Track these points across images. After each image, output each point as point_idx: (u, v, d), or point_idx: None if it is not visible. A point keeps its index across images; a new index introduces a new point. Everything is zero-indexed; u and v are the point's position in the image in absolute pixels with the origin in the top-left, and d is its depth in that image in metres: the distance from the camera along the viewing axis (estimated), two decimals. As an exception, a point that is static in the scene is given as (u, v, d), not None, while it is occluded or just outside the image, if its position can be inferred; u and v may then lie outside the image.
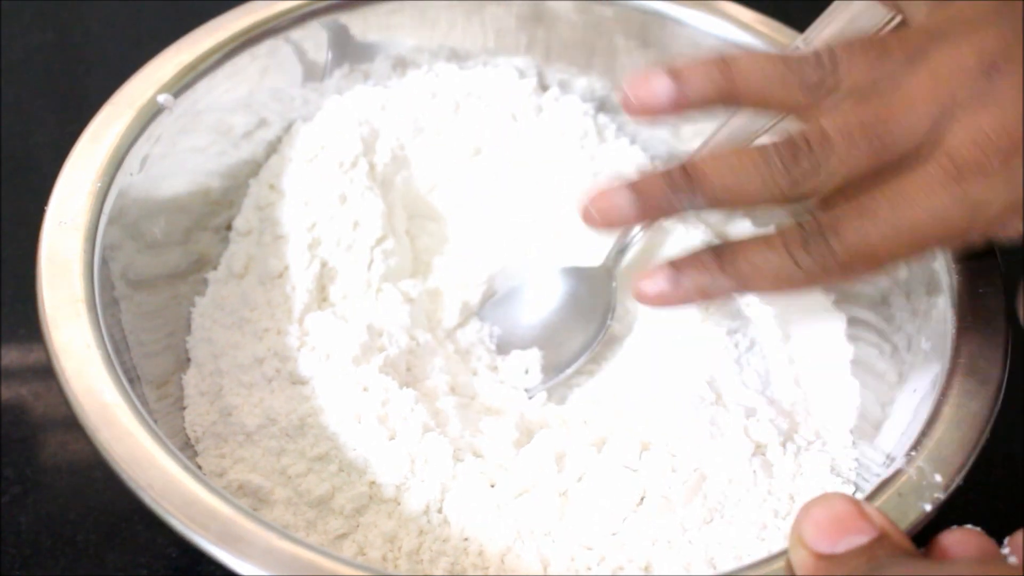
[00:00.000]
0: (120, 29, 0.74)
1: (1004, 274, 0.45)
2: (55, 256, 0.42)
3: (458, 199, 0.58)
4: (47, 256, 0.42)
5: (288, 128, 0.56)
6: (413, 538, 0.42)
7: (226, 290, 0.52)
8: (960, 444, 0.39)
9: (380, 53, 0.57)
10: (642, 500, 0.43)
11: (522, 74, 0.60)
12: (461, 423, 0.47)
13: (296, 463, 0.45)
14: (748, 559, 0.41)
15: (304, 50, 0.55)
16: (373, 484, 0.44)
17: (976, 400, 0.40)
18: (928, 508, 0.37)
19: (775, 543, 0.42)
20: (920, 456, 0.38)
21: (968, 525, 0.32)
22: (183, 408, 0.48)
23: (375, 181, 0.55)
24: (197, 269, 0.53)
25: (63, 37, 0.73)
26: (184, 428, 0.47)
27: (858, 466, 0.47)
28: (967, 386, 0.40)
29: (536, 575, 0.41)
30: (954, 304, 0.44)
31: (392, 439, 0.45)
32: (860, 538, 0.30)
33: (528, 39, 0.59)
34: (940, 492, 0.37)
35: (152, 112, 0.48)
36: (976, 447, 0.39)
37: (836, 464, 0.46)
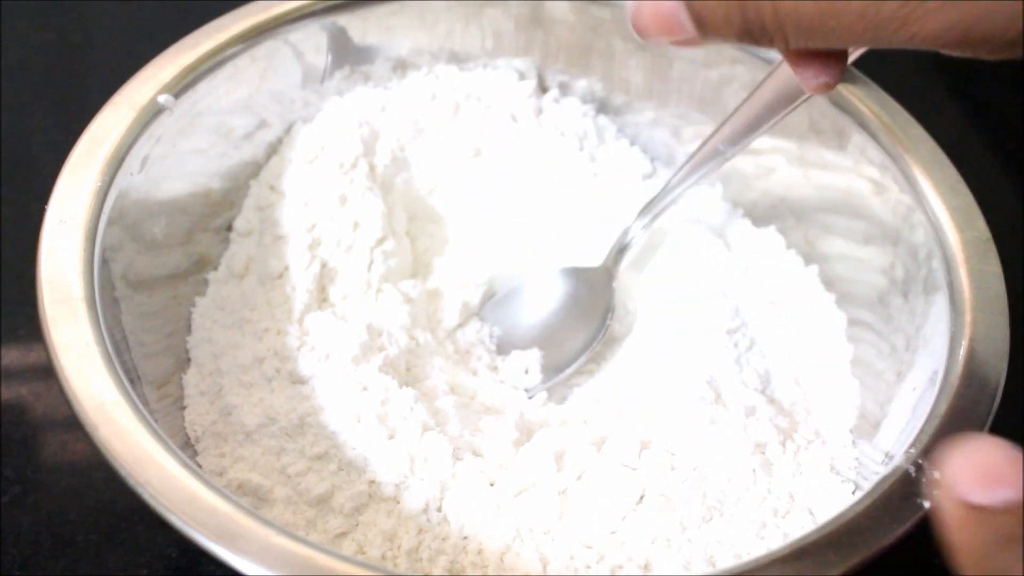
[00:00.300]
0: (120, 29, 0.74)
1: (1004, 274, 0.45)
2: (55, 256, 0.42)
3: (458, 200, 0.58)
4: (47, 256, 0.42)
5: (288, 129, 0.56)
6: (412, 537, 0.42)
7: (226, 290, 0.52)
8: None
9: (380, 55, 0.58)
10: (641, 499, 0.43)
11: (522, 76, 0.60)
12: (461, 422, 0.47)
13: (296, 462, 0.45)
14: (747, 558, 0.41)
15: (304, 51, 0.55)
16: (372, 483, 0.44)
17: (975, 398, 0.40)
18: (927, 506, 0.37)
19: (775, 542, 0.42)
20: (919, 454, 0.38)
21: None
22: (183, 408, 0.48)
23: (375, 182, 0.55)
24: (197, 269, 0.53)
25: (63, 37, 0.73)
26: (184, 428, 0.47)
27: (858, 464, 0.47)
28: (966, 384, 0.40)
29: (535, 574, 0.41)
30: (953, 303, 0.44)
31: (392, 438, 0.45)
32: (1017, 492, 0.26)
33: (528, 41, 0.59)
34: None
35: (152, 112, 0.48)
36: (975, 445, 0.38)
37: (836, 463, 0.46)
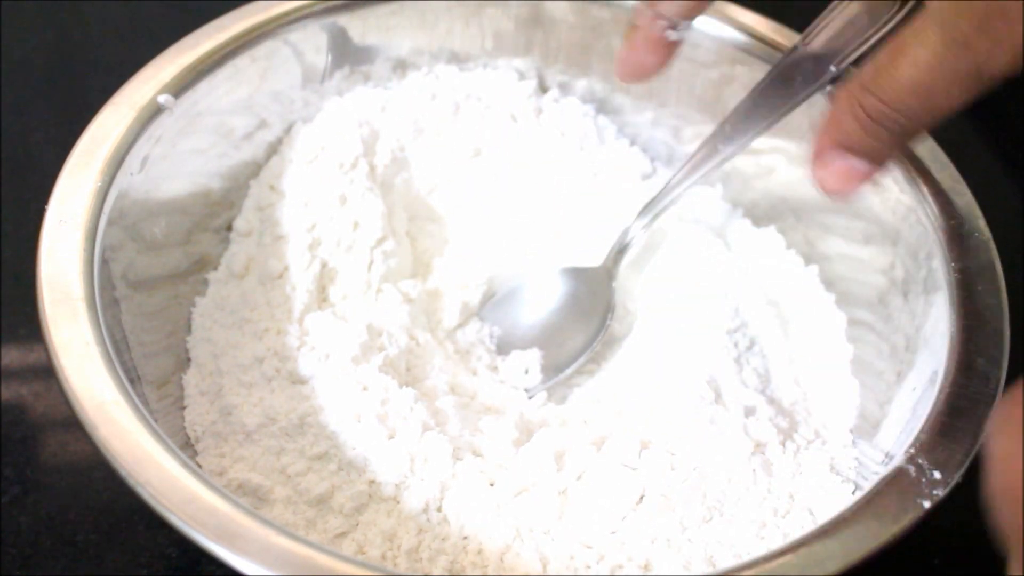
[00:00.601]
0: (120, 29, 0.74)
1: (1004, 274, 0.45)
2: (55, 256, 0.42)
3: (458, 200, 0.58)
4: (47, 256, 0.42)
5: (288, 129, 0.56)
6: (412, 536, 0.42)
7: (226, 290, 0.52)
8: (959, 442, 0.38)
9: (380, 55, 0.58)
10: (641, 499, 0.43)
11: (522, 76, 0.60)
12: (460, 422, 0.47)
13: (296, 462, 0.45)
14: (747, 557, 0.41)
15: (304, 52, 0.55)
16: (372, 483, 0.44)
17: (975, 398, 0.40)
18: (927, 506, 0.37)
19: (774, 541, 0.42)
20: (919, 454, 0.38)
21: None
22: (183, 408, 0.48)
23: (375, 182, 0.55)
24: (197, 269, 0.53)
25: (63, 37, 0.73)
26: (184, 428, 0.47)
27: (858, 464, 0.47)
28: (966, 384, 0.40)
29: (535, 574, 0.41)
30: (953, 303, 0.44)
31: (391, 438, 0.45)
32: None
33: (528, 41, 0.59)
34: (940, 489, 0.37)
35: (152, 112, 0.48)
36: (975, 445, 0.38)
37: (836, 463, 0.46)
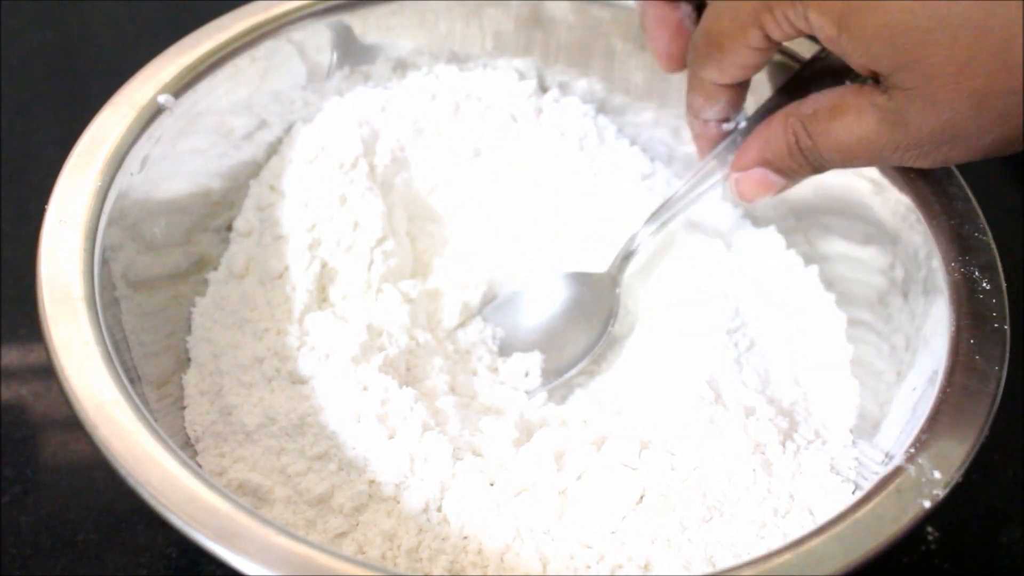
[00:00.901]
0: (120, 29, 0.74)
1: (1004, 274, 0.45)
2: (55, 256, 0.42)
3: (458, 200, 0.58)
4: (47, 256, 0.42)
5: (288, 129, 0.56)
6: (412, 536, 0.42)
7: (226, 290, 0.52)
8: (959, 441, 0.38)
9: (380, 55, 0.58)
10: (641, 499, 0.43)
11: (522, 76, 0.60)
12: (460, 422, 0.47)
13: (296, 462, 0.45)
14: (747, 557, 0.41)
15: (304, 52, 0.55)
16: (372, 483, 0.44)
17: (975, 398, 0.40)
18: (927, 505, 0.37)
19: (774, 541, 0.42)
20: (919, 454, 0.38)
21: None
22: (183, 408, 0.48)
23: (375, 182, 0.55)
24: (198, 270, 0.53)
25: (63, 37, 0.73)
26: (184, 428, 0.47)
27: (858, 464, 0.46)
28: (966, 384, 0.40)
29: (535, 574, 0.41)
30: (952, 303, 0.44)
31: (392, 438, 0.45)
32: None
33: (528, 41, 0.59)
34: (939, 489, 0.37)
35: (152, 112, 0.48)
36: (975, 445, 0.38)
37: (835, 463, 0.46)
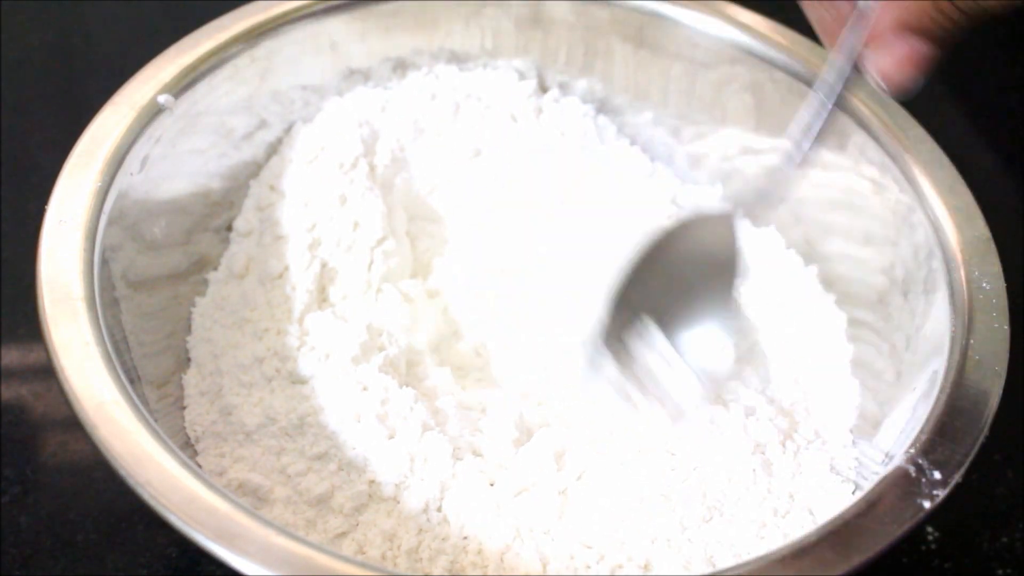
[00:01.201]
0: (120, 29, 0.74)
1: (1004, 274, 0.45)
2: (55, 256, 0.42)
3: (458, 200, 0.58)
4: (47, 256, 0.42)
5: (288, 129, 0.56)
6: (412, 537, 0.42)
7: (226, 290, 0.52)
8: (959, 442, 0.38)
9: (380, 55, 0.58)
10: (642, 499, 0.43)
11: (522, 76, 0.60)
12: (460, 422, 0.47)
13: (296, 462, 0.45)
14: (747, 557, 0.41)
15: (304, 52, 0.55)
16: (372, 483, 0.44)
17: (975, 398, 0.40)
18: (927, 505, 0.37)
19: (775, 542, 0.42)
20: (919, 454, 0.38)
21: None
22: (183, 408, 0.48)
23: (375, 182, 0.55)
24: (198, 270, 0.53)
25: (63, 37, 0.73)
26: (184, 428, 0.47)
27: (858, 464, 0.47)
28: (966, 384, 0.40)
29: (535, 574, 0.41)
30: (953, 303, 0.44)
31: (391, 438, 0.45)
32: None
33: (528, 41, 0.59)
34: (939, 489, 0.37)
35: (152, 113, 0.48)
36: (975, 445, 0.39)
37: (836, 463, 0.46)
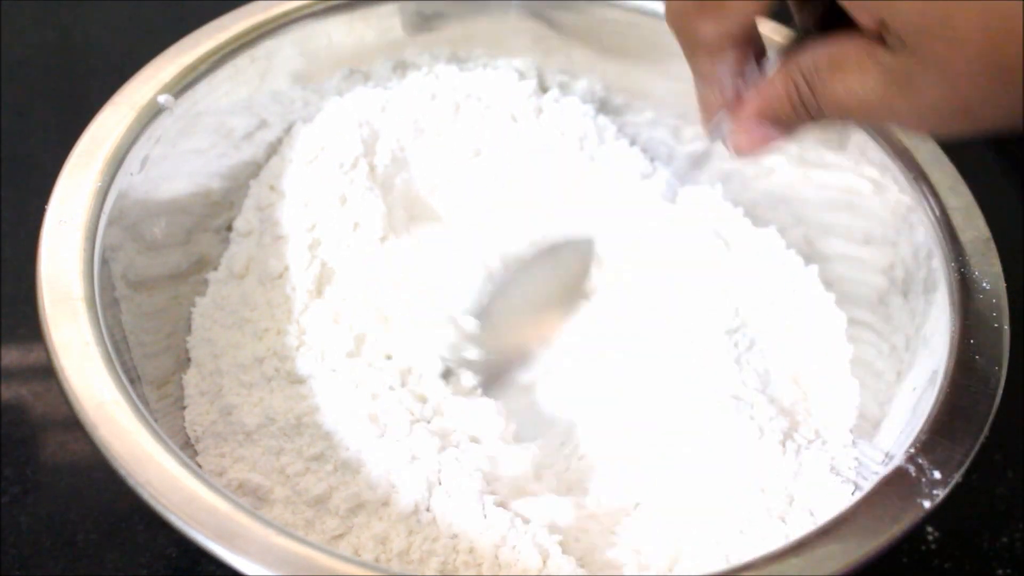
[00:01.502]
0: (120, 29, 0.74)
1: (1004, 274, 0.45)
2: (55, 256, 0.42)
3: (458, 200, 0.58)
4: (47, 256, 0.42)
5: (288, 129, 0.56)
6: (403, 539, 0.42)
7: (226, 290, 0.52)
8: (959, 442, 0.38)
9: (380, 55, 0.58)
10: (640, 499, 0.43)
11: (522, 76, 0.60)
12: (454, 421, 0.47)
13: (294, 462, 0.45)
14: (747, 558, 0.41)
15: (304, 52, 0.55)
16: (365, 484, 0.44)
17: (975, 398, 0.40)
18: (927, 505, 0.37)
19: (774, 541, 0.42)
20: (919, 454, 0.38)
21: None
22: (183, 408, 0.48)
23: (375, 182, 0.55)
24: (198, 270, 0.53)
25: (63, 37, 0.73)
26: (184, 428, 0.47)
27: (858, 464, 0.47)
28: (966, 384, 0.40)
29: (534, 574, 0.41)
30: (953, 303, 0.44)
31: (382, 437, 0.45)
32: None
33: (528, 41, 0.59)
34: (939, 489, 0.37)
35: (152, 113, 0.48)
36: (975, 445, 0.38)
37: (836, 463, 0.46)
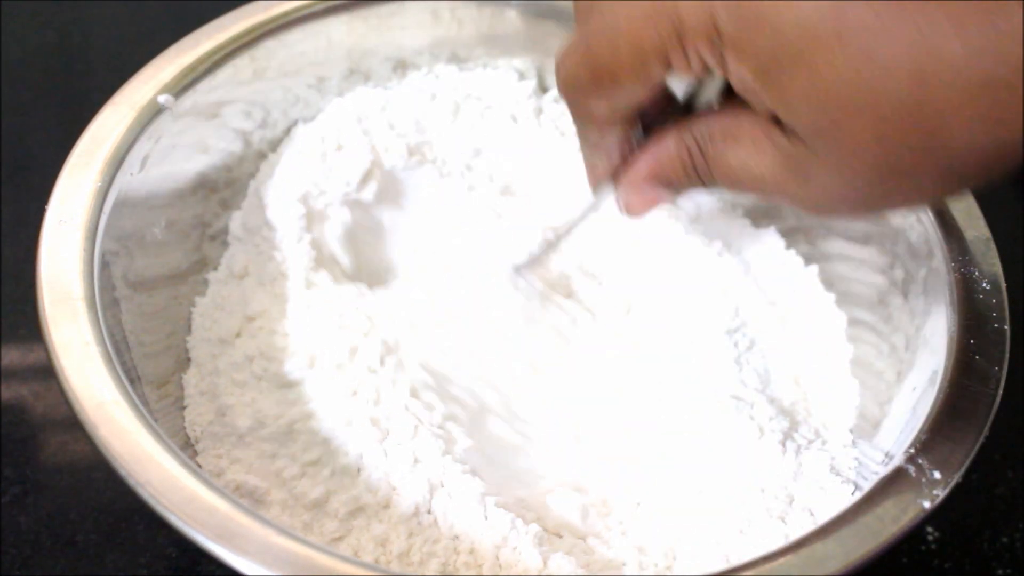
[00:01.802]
0: (120, 29, 0.74)
1: (1004, 274, 0.45)
2: (55, 256, 0.42)
3: (458, 200, 0.58)
4: (47, 256, 0.42)
5: (288, 129, 0.56)
6: (403, 541, 0.42)
7: (226, 290, 0.52)
8: (959, 442, 0.38)
9: (380, 55, 0.58)
10: (640, 499, 0.43)
11: (522, 76, 0.60)
12: (455, 422, 0.47)
13: (289, 466, 0.44)
14: (747, 557, 0.41)
15: (304, 52, 0.55)
16: (365, 487, 0.44)
17: (975, 398, 0.40)
18: (927, 506, 0.37)
19: (775, 542, 0.42)
20: (919, 454, 0.38)
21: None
22: (183, 408, 0.48)
23: (375, 182, 0.55)
24: (197, 270, 0.53)
25: (63, 37, 0.73)
26: (184, 428, 0.47)
27: (858, 465, 0.47)
28: (966, 384, 0.40)
29: (533, 574, 0.41)
30: (952, 303, 0.44)
31: (382, 441, 0.45)
32: None
33: (528, 41, 0.59)
34: (939, 489, 0.37)
35: (152, 112, 0.48)
36: (975, 445, 0.39)
37: (836, 463, 0.46)
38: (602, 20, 0.35)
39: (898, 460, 0.38)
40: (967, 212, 0.46)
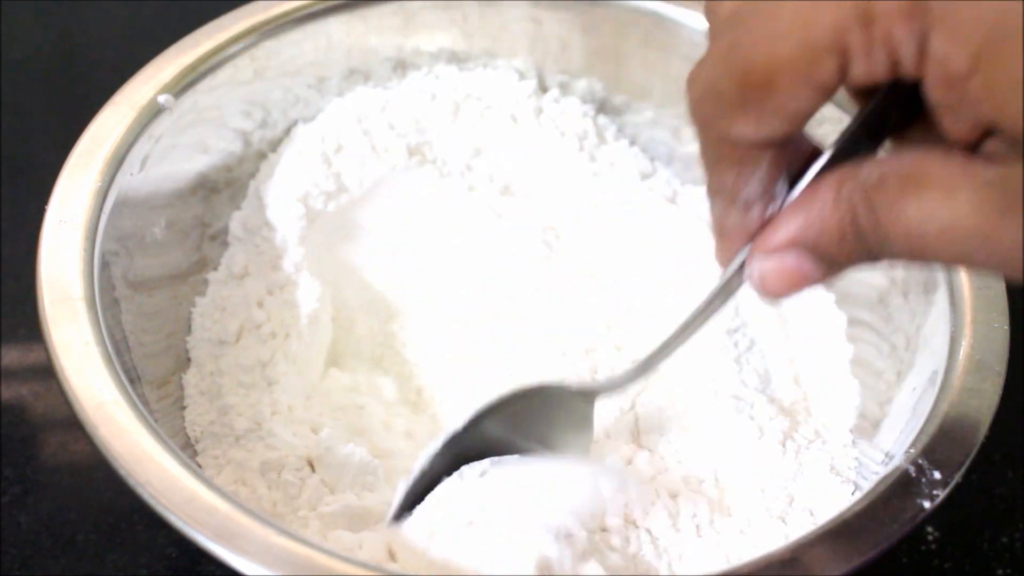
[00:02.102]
0: (120, 29, 0.74)
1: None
2: (55, 256, 0.42)
3: (458, 200, 0.58)
4: (47, 256, 0.42)
5: (288, 129, 0.56)
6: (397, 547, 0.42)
7: (226, 290, 0.52)
8: (959, 442, 0.38)
9: (380, 55, 0.58)
10: (637, 499, 0.43)
11: (522, 76, 0.60)
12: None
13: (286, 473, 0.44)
14: (747, 558, 0.41)
15: (304, 51, 0.55)
16: (360, 493, 0.44)
17: (975, 398, 0.40)
18: (927, 506, 0.37)
19: (774, 542, 0.42)
20: (919, 454, 0.38)
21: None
22: (183, 408, 0.48)
23: (375, 182, 0.55)
24: (198, 270, 0.53)
25: (63, 37, 0.73)
26: (184, 428, 0.47)
27: (858, 464, 0.46)
28: (966, 384, 0.40)
29: (533, 574, 0.41)
30: (953, 303, 0.44)
31: (379, 444, 0.45)
32: None
33: (528, 41, 0.59)
34: (939, 489, 0.37)
35: (152, 112, 0.48)
36: (975, 445, 0.39)
37: (836, 463, 0.46)
38: (756, 21, 0.28)
39: (898, 460, 0.38)
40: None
